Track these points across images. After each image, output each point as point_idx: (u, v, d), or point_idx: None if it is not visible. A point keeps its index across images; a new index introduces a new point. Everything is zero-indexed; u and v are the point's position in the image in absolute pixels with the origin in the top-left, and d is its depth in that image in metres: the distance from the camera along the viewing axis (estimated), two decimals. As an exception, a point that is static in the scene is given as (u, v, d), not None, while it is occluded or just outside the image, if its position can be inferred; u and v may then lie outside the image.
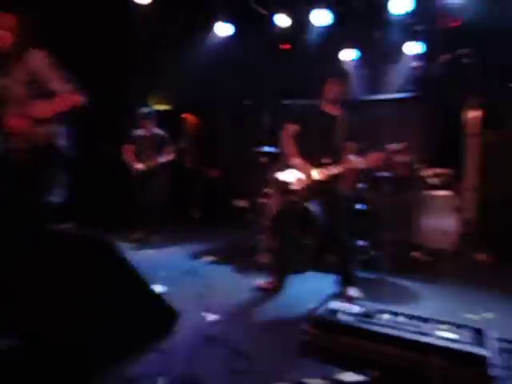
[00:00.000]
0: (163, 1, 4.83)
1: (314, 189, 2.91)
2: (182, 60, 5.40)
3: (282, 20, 5.10)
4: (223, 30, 5.34)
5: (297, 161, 2.93)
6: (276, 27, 5.19)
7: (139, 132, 4.78)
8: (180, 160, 7.09)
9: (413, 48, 5.00)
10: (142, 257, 4.09)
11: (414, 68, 5.13)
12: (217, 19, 5.29)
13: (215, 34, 5.40)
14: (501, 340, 2.08)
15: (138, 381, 1.78)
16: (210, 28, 5.39)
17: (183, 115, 7.17)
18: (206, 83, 6.00)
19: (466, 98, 4.88)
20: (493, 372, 1.71)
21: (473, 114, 5.00)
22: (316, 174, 2.89)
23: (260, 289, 3.14)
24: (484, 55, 2.95)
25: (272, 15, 5.11)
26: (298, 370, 1.95)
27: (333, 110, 3.02)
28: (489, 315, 2.72)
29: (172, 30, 5.15)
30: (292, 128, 3.05)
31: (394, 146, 2.72)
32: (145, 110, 4.86)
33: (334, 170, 2.86)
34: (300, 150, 2.98)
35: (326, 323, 2.13)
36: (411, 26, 4.82)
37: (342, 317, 2.16)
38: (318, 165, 2.90)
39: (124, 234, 4.60)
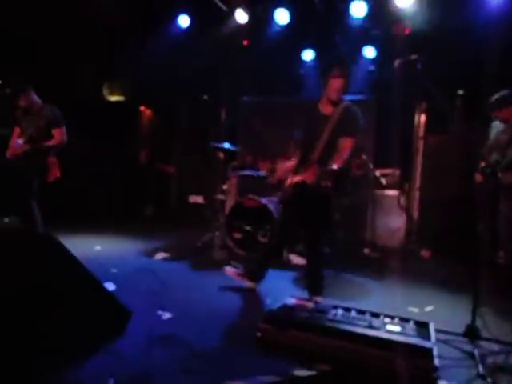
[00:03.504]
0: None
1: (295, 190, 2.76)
2: (140, 50, 5.21)
3: (242, 16, 5.08)
4: (184, 22, 5.24)
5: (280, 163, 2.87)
6: (235, 23, 5.16)
7: (20, 111, 3.85)
8: (134, 155, 6.92)
9: (369, 52, 5.18)
10: (92, 254, 3.92)
11: (370, 71, 5.32)
12: (177, 11, 5.18)
13: (175, 26, 5.28)
14: (439, 331, 2.21)
15: (87, 383, 1.69)
16: (169, 19, 5.25)
17: (139, 108, 6.96)
18: (164, 76, 5.85)
19: (416, 103, 5.16)
20: (436, 362, 1.82)
21: (421, 118, 5.29)
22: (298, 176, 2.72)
23: (229, 274, 3.11)
24: (434, 63, 3.13)
25: (232, 11, 5.07)
26: (253, 368, 1.95)
27: (327, 109, 2.80)
28: (429, 308, 2.89)
29: (131, 18, 4.95)
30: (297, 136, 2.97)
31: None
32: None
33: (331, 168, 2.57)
34: (301, 151, 2.87)
35: (280, 320, 2.14)
36: (368, 31, 4.99)
37: (297, 313, 2.19)
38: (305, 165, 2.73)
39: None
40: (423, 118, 5.28)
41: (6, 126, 3.97)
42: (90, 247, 4.16)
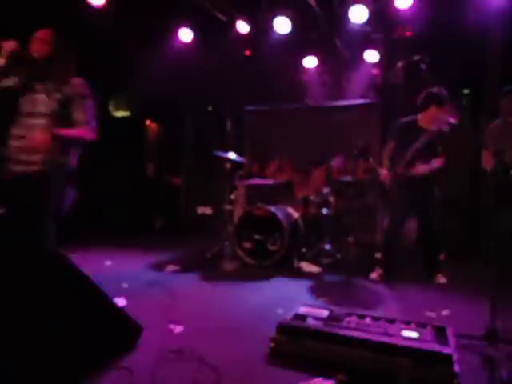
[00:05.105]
0: (122, 5, 4.70)
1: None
2: (143, 65, 5.27)
3: (243, 27, 5.11)
4: (186, 35, 5.28)
5: (383, 171, 3.59)
6: (237, 34, 5.19)
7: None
8: (141, 168, 6.96)
9: (371, 56, 5.17)
10: (103, 269, 3.92)
11: (373, 75, 5.31)
12: (178, 25, 5.23)
13: (177, 40, 5.33)
14: (458, 336, 2.15)
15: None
16: (171, 34, 5.30)
17: (145, 122, 7.03)
18: (168, 89, 5.90)
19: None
20: (457, 368, 1.76)
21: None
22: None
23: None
24: (437, 63, 3.12)
25: (232, 22, 5.10)
26: (267, 380, 1.91)
27: (429, 125, 3.49)
28: (446, 312, 2.82)
29: (133, 34, 5.01)
30: (390, 145, 3.66)
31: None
32: None
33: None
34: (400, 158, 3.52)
35: (293, 329, 2.10)
36: (369, 35, 4.99)
37: (310, 322, 2.15)
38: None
39: None
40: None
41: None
42: (100, 262, 4.16)
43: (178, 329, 2.44)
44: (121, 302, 2.79)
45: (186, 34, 5.28)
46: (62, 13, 4.43)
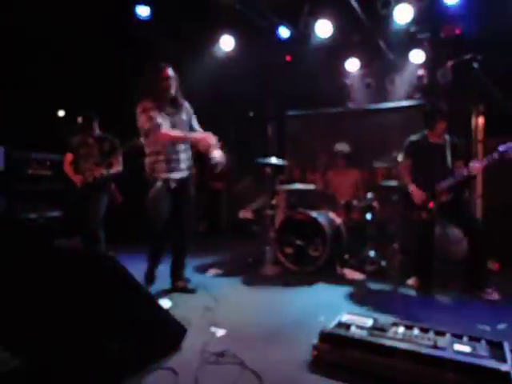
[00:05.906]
0: (164, 16, 4.86)
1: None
2: (185, 74, 5.41)
3: (284, 32, 5.12)
4: (227, 42, 5.38)
5: (413, 187, 3.52)
6: (278, 39, 5.21)
7: (78, 138, 4.11)
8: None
9: (417, 56, 5.00)
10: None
11: (419, 76, 5.12)
12: (219, 33, 5.33)
13: (218, 47, 5.44)
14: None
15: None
16: (212, 41, 5.41)
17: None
18: (210, 96, 6.01)
19: (472, 105, 4.86)
20: (515, 387, 1.64)
21: (479, 121, 4.96)
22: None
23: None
24: (489, 61, 2.95)
25: (273, 27, 5.13)
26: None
27: (438, 139, 3.52)
28: (502, 325, 2.64)
29: (174, 43, 5.16)
30: (407, 163, 3.67)
31: None
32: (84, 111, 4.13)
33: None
34: (417, 176, 3.56)
35: (337, 338, 2.06)
36: (415, 35, 4.81)
37: (354, 331, 2.09)
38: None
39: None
40: (481, 120, 4.96)
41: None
42: (145, 265, 4.29)
43: (220, 332, 2.47)
44: (165, 303, 2.86)
45: (227, 41, 5.38)
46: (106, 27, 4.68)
